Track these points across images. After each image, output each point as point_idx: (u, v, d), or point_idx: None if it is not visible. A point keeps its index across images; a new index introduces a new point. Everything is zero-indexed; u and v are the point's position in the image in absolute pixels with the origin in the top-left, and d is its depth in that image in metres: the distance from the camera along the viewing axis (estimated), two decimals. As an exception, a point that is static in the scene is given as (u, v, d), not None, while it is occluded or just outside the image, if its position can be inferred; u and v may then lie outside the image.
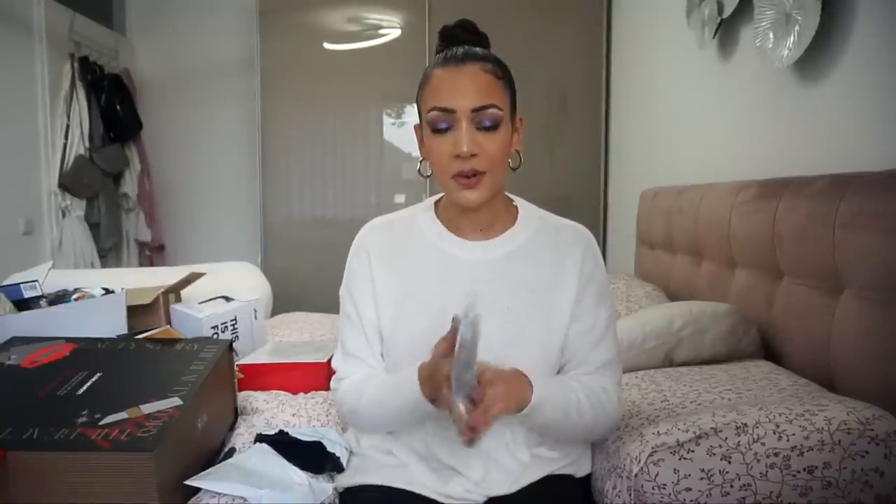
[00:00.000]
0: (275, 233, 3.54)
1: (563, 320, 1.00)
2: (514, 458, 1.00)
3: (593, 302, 1.01)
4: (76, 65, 3.39)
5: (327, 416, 1.27)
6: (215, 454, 1.11)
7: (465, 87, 0.93)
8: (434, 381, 0.88)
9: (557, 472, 1.02)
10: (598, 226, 3.33)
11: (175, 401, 0.99)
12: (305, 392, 1.40)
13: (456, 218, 1.04)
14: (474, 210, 1.00)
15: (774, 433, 0.89)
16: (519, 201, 1.08)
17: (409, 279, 1.03)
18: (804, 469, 0.86)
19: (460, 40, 0.99)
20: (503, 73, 0.97)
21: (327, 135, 3.51)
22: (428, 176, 1.03)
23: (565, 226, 1.06)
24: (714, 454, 0.88)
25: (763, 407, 0.96)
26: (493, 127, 0.94)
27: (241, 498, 0.96)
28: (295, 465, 1.05)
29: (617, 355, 1.04)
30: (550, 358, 1.00)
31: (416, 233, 1.05)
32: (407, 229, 1.06)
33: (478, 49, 0.98)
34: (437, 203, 1.08)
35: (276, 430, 1.15)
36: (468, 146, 0.92)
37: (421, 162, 1.04)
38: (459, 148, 0.92)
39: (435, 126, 0.95)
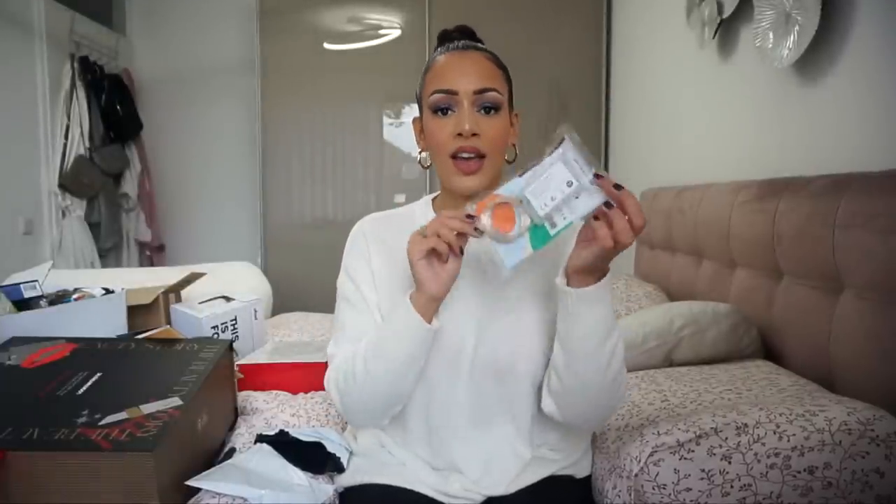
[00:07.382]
0: (275, 233, 3.54)
1: None
2: (516, 456, 1.00)
3: None
4: (76, 65, 3.39)
5: (327, 416, 1.27)
6: (215, 454, 1.11)
7: (468, 70, 0.96)
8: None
9: (558, 474, 1.02)
10: (598, 226, 3.32)
11: (175, 401, 0.99)
12: (305, 392, 1.40)
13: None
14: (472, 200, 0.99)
15: (775, 433, 0.89)
16: None
17: (406, 271, 1.02)
18: (805, 469, 0.86)
19: None
20: (502, 66, 1.00)
21: (327, 135, 3.52)
22: (428, 166, 1.04)
23: None
24: (714, 454, 0.88)
25: (763, 407, 0.95)
26: (494, 109, 0.96)
27: (242, 498, 0.96)
28: (295, 465, 1.05)
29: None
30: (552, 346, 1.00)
31: (414, 227, 1.05)
32: (404, 223, 1.06)
33: (478, 43, 1.02)
34: (434, 199, 1.09)
35: (276, 431, 1.15)
36: (470, 125, 0.93)
37: (420, 153, 1.05)
38: (461, 126, 0.93)
39: (436, 107, 0.96)
